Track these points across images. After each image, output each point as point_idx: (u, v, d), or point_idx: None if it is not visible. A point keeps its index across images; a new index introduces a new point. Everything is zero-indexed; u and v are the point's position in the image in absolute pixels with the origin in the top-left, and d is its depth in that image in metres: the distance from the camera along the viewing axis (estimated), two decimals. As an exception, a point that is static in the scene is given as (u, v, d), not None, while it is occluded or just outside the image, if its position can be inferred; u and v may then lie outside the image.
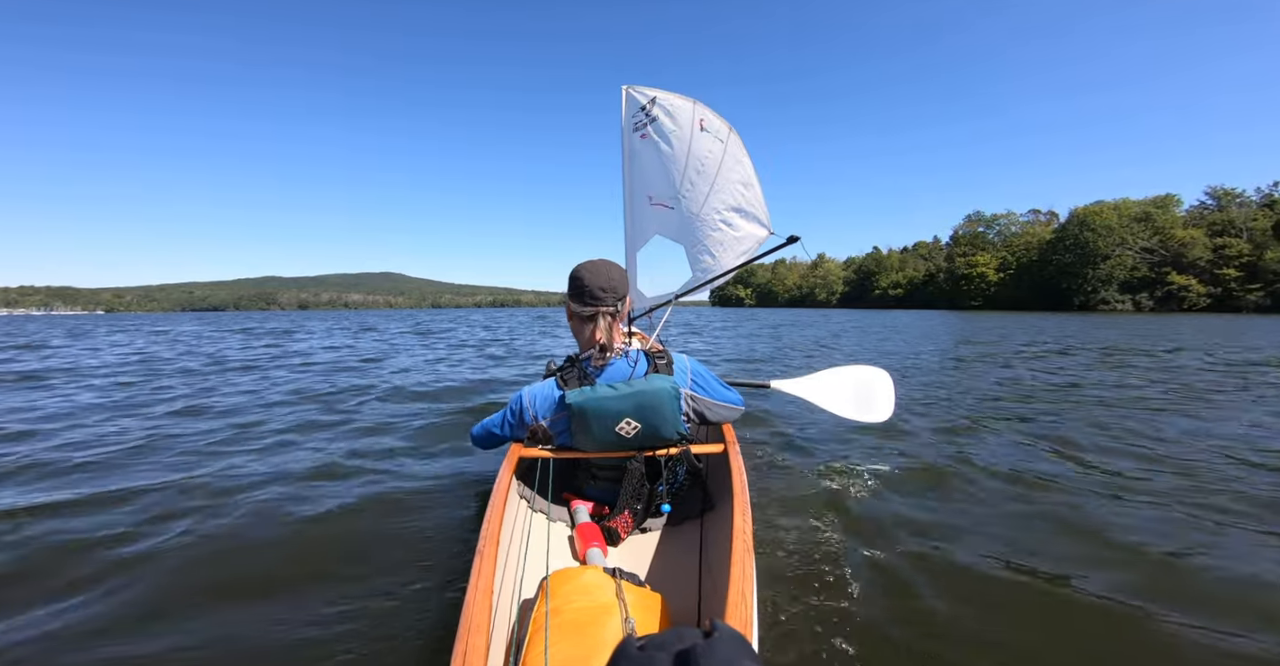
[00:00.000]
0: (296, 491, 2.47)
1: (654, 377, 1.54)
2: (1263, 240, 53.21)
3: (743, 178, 3.29)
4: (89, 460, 3.00)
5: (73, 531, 2.05)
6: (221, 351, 10.64)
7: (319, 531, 2.08)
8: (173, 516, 2.19)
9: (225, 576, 1.76)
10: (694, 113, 3.27)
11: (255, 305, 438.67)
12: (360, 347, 11.26)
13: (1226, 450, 3.12)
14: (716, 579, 1.27)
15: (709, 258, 3.43)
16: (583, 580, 1.11)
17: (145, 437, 3.49)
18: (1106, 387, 5.39)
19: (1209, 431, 3.59)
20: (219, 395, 5.24)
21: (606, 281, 1.58)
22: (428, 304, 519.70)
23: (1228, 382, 5.74)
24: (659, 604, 1.12)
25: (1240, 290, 52.61)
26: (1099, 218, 60.86)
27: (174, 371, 7.30)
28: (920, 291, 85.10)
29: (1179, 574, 1.74)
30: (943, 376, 6.26)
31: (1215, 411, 4.24)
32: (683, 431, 1.61)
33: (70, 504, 2.31)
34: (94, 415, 4.27)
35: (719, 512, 1.60)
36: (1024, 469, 2.74)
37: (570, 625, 0.99)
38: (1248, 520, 2.14)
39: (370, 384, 5.81)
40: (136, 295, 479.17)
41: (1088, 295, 60.93)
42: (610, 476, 1.70)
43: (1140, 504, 2.29)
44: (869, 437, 3.36)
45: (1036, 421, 3.87)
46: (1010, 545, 1.92)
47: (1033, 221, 76.28)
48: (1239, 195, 60.86)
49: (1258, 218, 55.68)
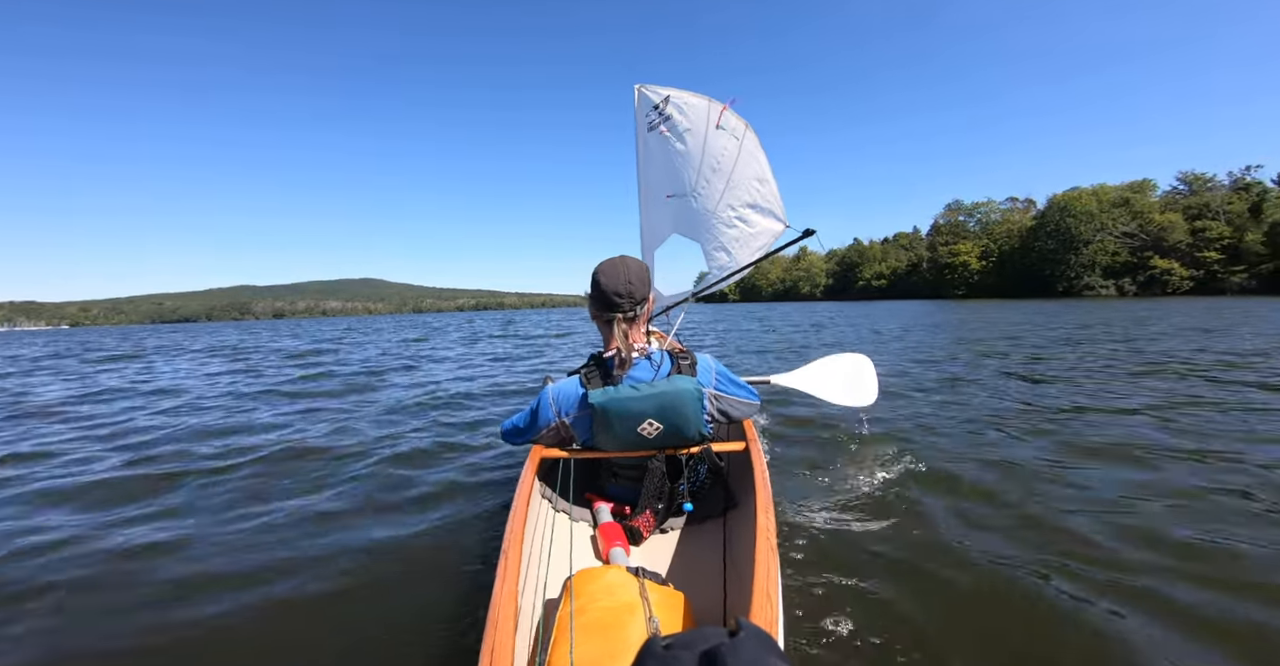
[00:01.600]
0: (317, 494, 2.63)
1: (677, 378, 1.52)
2: (1242, 222, 53.21)
3: (758, 174, 3.26)
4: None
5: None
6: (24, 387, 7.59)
7: (346, 533, 2.17)
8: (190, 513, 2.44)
9: (256, 573, 1.85)
10: (709, 110, 3.25)
11: (228, 315, 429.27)
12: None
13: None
14: (741, 577, 1.27)
15: (725, 255, 3.39)
16: (606, 579, 1.10)
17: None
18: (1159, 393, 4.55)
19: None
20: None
21: (624, 285, 1.58)
22: (409, 309, 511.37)
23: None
24: (682, 603, 1.11)
25: (1224, 272, 52.43)
26: (1079, 203, 60.93)
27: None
28: (904, 281, 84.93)
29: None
30: (964, 371, 6.03)
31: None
32: (705, 432, 1.58)
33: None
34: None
35: (741, 510, 1.59)
36: (1055, 466, 2.67)
37: (595, 625, 0.98)
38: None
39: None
40: (103, 308, 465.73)
41: (1071, 281, 60.89)
42: (632, 475, 1.70)
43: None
44: (894, 434, 3.33)
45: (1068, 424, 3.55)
46: (1040, 545, 1.87)
47: (1011, 209, 76.15)
48: (1210, 180, 61.28)
49: (1233, 201, 55.91)
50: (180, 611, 1.67)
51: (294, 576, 1.83)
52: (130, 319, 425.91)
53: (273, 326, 52.68)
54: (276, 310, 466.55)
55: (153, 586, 1.84)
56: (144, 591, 1.82)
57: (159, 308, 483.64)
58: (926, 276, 78.68)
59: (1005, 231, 71.06)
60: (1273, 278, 47.96)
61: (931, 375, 5.77)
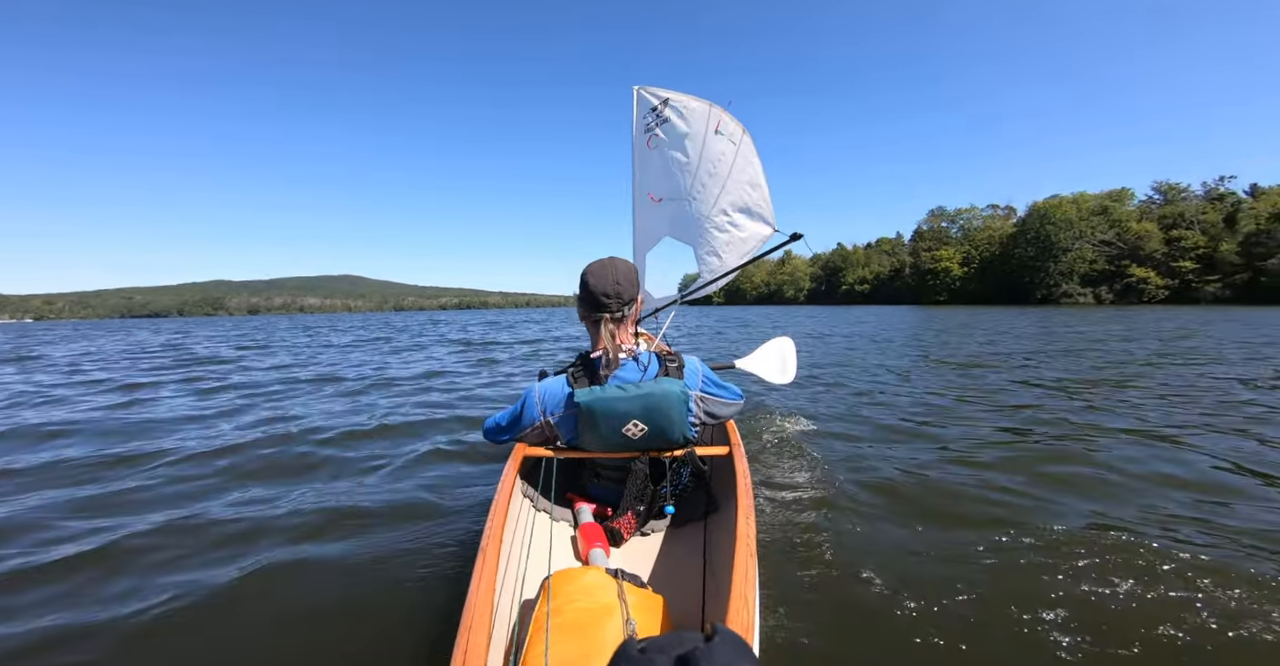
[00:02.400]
0: (295, 491, 2.64)
1: (664, 380, 1.52)
2: (1216, 232, 53.89)
3: (751, 178, 3.29)
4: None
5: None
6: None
7: (321, 530, 2.15)
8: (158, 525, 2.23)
9: (226, 579, 1.78)
10: (709, 115, 3.27)
11: (200, 311, 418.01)
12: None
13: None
14: (719, 582, 1.28)
15: (715, 258, 3.44)
16: (584, 581, 1.09)
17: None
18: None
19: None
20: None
21: (612, 286, 1.57)
22: (390, 307, 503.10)
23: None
24: (661, 606, 1.11)
25: (1199, 281, 53.01)
26: (1059, 211, 61.50)
27: None
28: (887, 286, 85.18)
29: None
30: (956, 379, 6.12)
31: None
32: (689, 435, 1.58)
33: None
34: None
35: (722, 515, 1.59)
36: (1034, 475, 2.71)
37: (571, 626, 0.98)
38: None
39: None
40: (69, 301, 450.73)
41: (1049, 288, 61.38)
42: (614, 477, 1.69)
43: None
44: (877, 440, 3.45)
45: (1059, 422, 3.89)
46: (1014, 553, 1.89)
47: (993, 216, 76.72)
48: (1184, 190, 62.25)
49: (1207, 211, 56.73)
50: (135, 613, 1.62)
51: (263, 573, 1.82)
52: (98, 313, 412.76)
53: (237, 323, 50.36)
54: (251, 306, 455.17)
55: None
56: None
57: (129, 301, 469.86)
58: (909, 282, 78.98)
59: (986, 238, 71.62)
60: (1246, 288, 48.60)
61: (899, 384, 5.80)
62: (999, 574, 1.73)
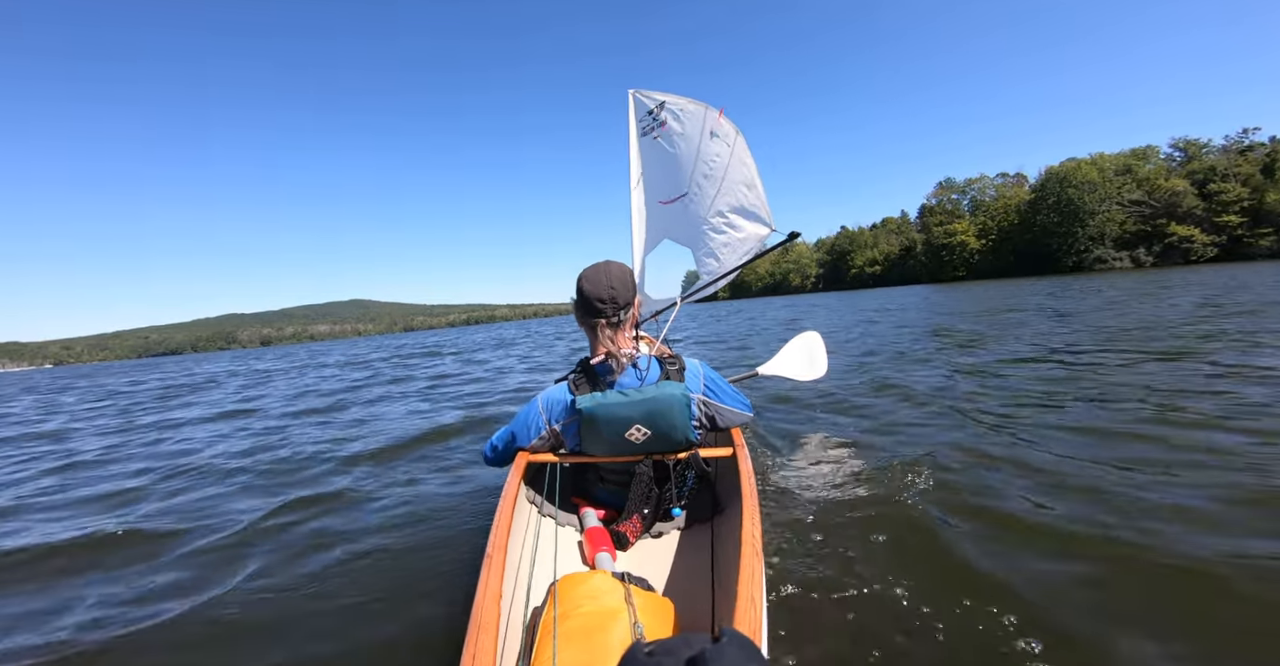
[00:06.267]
0: (304, 502, 2.65)
1: (665, 384, 1.52)
2: (1259, 184, 49.07)
3: (746, 179, 3.33)
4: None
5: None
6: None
7: (330, 540, 2.17)
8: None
9: (231, 587, 1.84)
10: (705, 118, 3.31)
11: (214, 345, 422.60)
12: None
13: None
14: (726, 583, 1.24)
15: (714, 260, 3.49)
16: (591, 584, 1.09)
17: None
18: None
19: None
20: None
21: (607, 291, 1.57)
22: (399, 328, 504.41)
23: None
24: (668, 609, 1.11)
25: (1249, 236, 48.20)
26: (1078, 174, 57.09)
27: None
28: (899, 266, 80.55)
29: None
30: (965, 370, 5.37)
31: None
32: (692, 438, 1.58)
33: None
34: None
35: (728, 516, 1.57)
36: (1046, 474, 2.38)
37: (578, 630, 0.97)
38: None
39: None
40: (87, 345, 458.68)
41: (1080, 255, 56.76)
42: (619, 480, 1.68)
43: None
44: (880, 436, 3.14)
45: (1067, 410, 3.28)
46: (1033, 553, 1.72)
47: (1006, 184, 72.06)
48: (1205, 145, 57.73)
49: (1241, 164, 52.02)
50: (134, 619, 1.70)
51: (273, 582, 1.86)
52: (116, 354, 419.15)
53: (241, 356, 51.49)
54: (263, 337, 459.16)
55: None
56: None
57: (145, 341, 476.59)
58: (922, 259, 74.44)
59: (1002, 207, 67.13)
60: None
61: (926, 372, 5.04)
62: (1015, 575, 1.58)
